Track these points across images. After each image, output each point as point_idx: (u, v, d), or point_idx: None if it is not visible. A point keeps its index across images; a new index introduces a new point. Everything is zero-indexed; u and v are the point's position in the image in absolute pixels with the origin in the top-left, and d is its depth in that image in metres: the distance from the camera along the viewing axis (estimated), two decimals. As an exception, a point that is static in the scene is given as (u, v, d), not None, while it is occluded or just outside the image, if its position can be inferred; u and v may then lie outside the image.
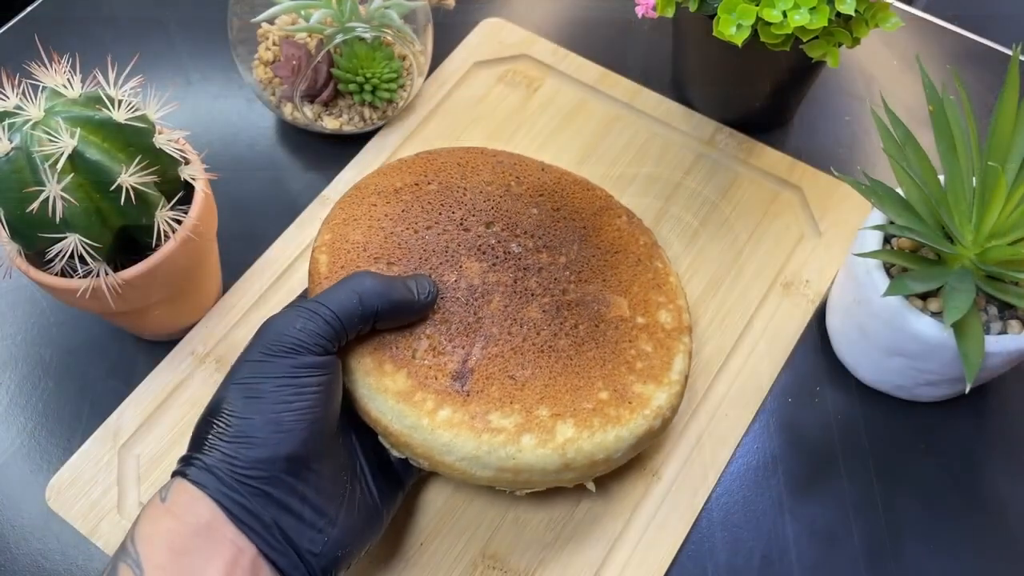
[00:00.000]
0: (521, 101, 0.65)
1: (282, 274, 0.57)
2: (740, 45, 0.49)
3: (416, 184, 0.51)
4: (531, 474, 0.43)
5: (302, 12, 0.59)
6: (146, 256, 0.45)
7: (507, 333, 0.46)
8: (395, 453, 0.46)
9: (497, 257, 0.49)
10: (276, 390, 0.39)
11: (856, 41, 0.51)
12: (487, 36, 0.68)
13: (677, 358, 0.48)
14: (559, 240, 0.50)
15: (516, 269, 0.48)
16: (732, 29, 0.49)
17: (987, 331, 0.46)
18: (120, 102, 0.43)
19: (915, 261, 0.47)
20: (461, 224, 0.50)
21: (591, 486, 0.48)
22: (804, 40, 0.50)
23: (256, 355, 0.40)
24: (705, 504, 0.49)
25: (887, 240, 0.49)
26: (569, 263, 0.49)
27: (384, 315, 0.43)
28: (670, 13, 0.52)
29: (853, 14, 0.49)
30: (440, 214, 0.50)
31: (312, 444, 0.40)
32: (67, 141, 0.40)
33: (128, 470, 0.50)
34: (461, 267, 0.48)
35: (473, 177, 0.52)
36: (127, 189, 0.42)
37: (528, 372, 0.45)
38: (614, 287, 0.49)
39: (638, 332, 0.48)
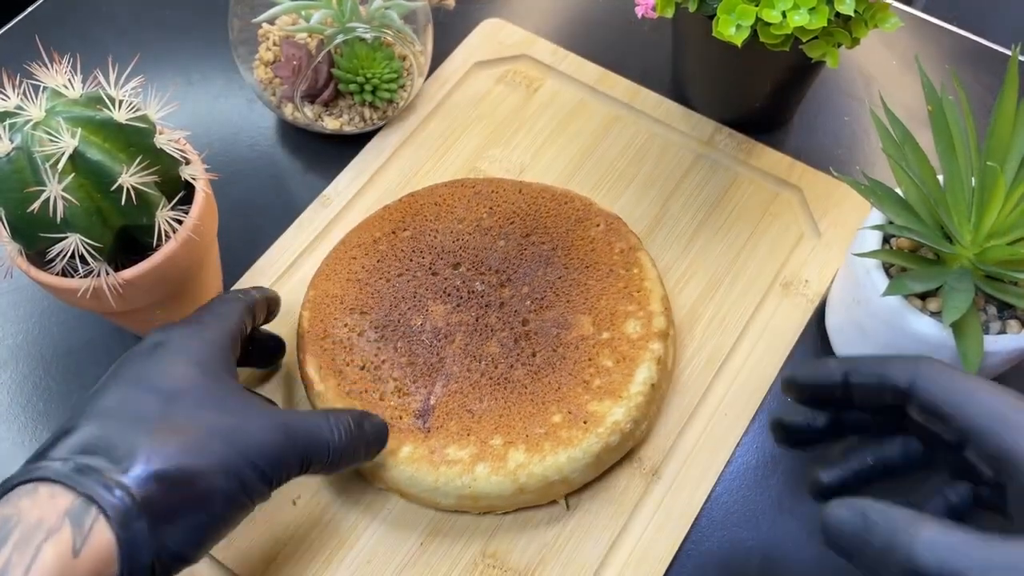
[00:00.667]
0: (521, 101, 0.65)
1: (282, 274, 0.57)
2: (740, 45, 0.49)
3: (393, 232, 0.55)
4: (489, 500, 0.46)
5: (303, 12, 0.59)
6: (147, 256, 0.46)
7: (466, 370, 0.49)
8: (376, 485, 0.49)
9: (461, 298, 0.52)
10: (238, 496, 0.39)
11: (855, 41, 0.51)
12: (487, 36, 0.68)
13: (641, 368, 0.49)
14: (524, 270, 0.53)
15: (478, 307, 0.51)
16: (731, 29, 0.49)
17: (986, 331, 0.46)
18: (121, 102, 0.43)
19: (914, 261, 0.47)
20: (430, 269, 0.53)
21: (563, 503, 0.49)
22: (803, 40, 0.50)
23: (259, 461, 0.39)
24: (705, 504, 0.49)
25: (886, 240, 0.49)
26: (532, 292, 0.52)
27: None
28: (670, 13, 0.52)
29: (852, 14, 0.49)
30: (411, 261, 0.54)
31: (202, 553, 0.39)
32: (68, 141, 0.40)
33: (129, 470, 0.50)
34: (427, 311, 0.51)
35: (447, 217, 0.55)
36: (128, 189, 0.42)
37: (484, 405, 0.48)
38: (579, 306, 0.51)
39: (600, 348, 0.50)
